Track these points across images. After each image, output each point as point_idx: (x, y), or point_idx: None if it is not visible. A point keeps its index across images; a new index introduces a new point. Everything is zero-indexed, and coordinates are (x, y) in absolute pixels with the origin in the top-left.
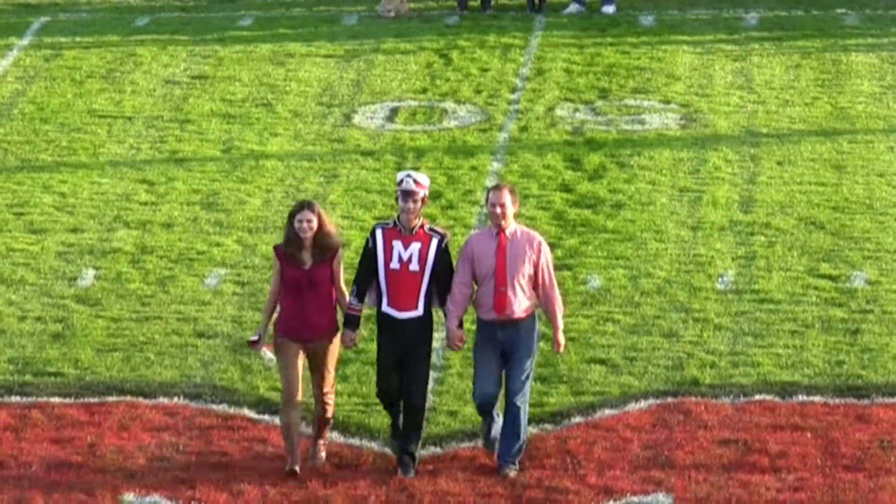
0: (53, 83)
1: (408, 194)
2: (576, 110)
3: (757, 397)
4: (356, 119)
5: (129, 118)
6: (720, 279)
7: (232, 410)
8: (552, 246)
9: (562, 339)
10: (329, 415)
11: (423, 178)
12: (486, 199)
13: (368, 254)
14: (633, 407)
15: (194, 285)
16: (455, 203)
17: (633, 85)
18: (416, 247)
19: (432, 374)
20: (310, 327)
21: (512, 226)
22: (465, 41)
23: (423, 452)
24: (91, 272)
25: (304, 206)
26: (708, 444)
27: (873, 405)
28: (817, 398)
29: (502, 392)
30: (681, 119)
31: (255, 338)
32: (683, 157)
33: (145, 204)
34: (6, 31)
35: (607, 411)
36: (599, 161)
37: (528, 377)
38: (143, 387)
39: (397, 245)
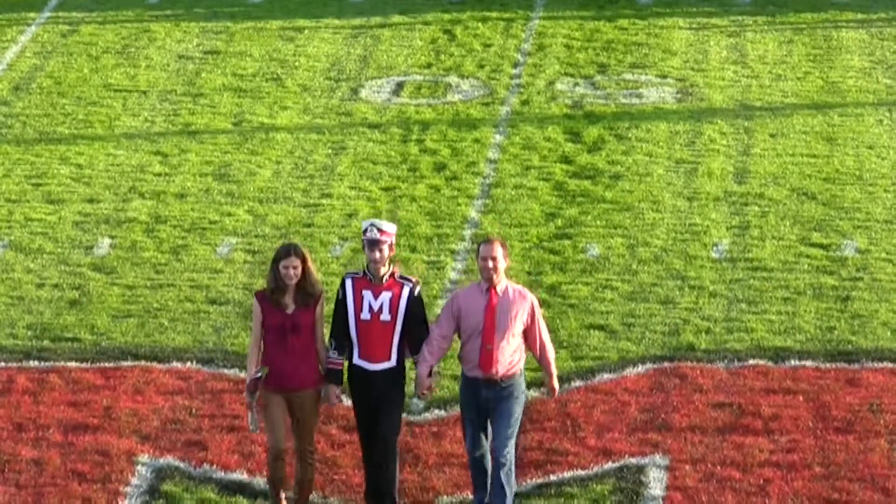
0: (70, 58)
1: (373, 244)
2: (575, 84)
3: (750, 362)
4: (363, 93)
5: (144, 92)
6: (715, 248)
7: (243, 375)
8: (553, 216)
9: (556, 384)
10: (311, 475)
11: (388, 226)
12: (477, 254)
13: (340, 305)
14: (630, 371)
15: (207, 254)
16: (458, 174)
17: (631, 60)
18: (386, 296)
19: None
20: (294, 376)
21: (503, 282)
22: (468, 17)
23: (427, 416)
24: (107, 241)
25: (290, 251)
26: (703, 407)
27: (863, 369)
28: (809, 363)
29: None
30: (677, 93)
31: (257, 375)
32: (679, 130)
33: (159, 175)
34: (24, 7)
35: (606, 376)
36: (598, 133)
37: (513, 433)
38: (157, 352)
39: (367, 295)
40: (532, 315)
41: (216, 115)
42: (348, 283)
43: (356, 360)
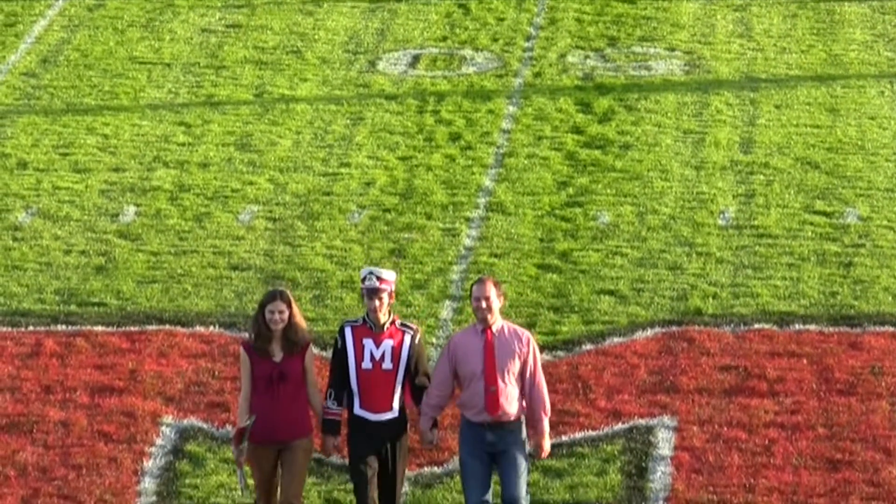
0: (97, 31)
1: (372, 292)
2: (586, 57)
3: (756, 326)
4: (380, 65)
5: (168, 64)
6: (721, 215)
7: None
8: (564, 184)
9: (547, 445)
10: None
11: (387, 273)
12: (470, 294)
13: (339, 354)
14: (640, 335)
15: (229, 221)
16: (473, 144)
17: (640, 33)
18: (388, 344)
19: (453, 305)
20: (283, 426)
21: (498, 322)
22: None
23: None
24: (132, 209)
25: (276, 295)
26: (710, 370)
27: (865, 333)
28: (813, 327)
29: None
30: (685, 65)
31: (244, 424)
32: (687, 101)
33: (183, 145)
34: None
35: (616, 339)
36: (608, 105)
37: (525, 479)
38: (181, 316)
39: (368, 343)
40: (528, 354)
41: (238, 87)
42: (347, 331)
43: (357, 410)
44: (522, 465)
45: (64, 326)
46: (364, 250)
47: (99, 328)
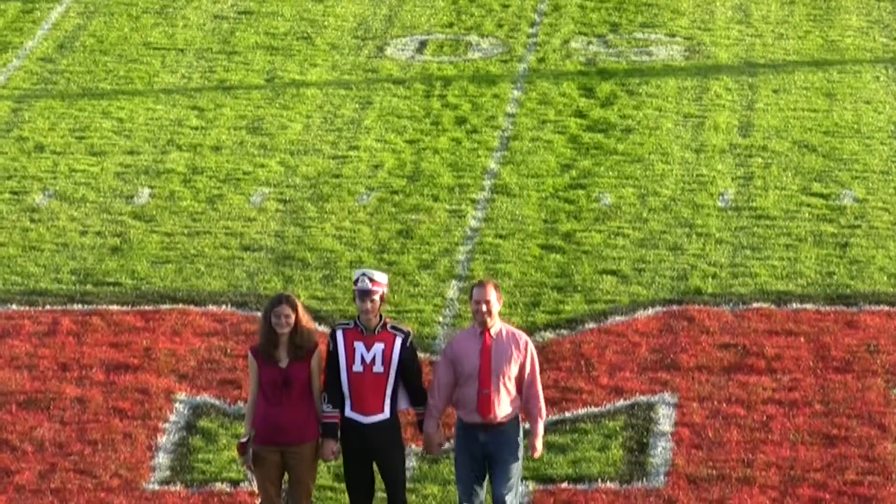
0: (112, 18)
1: (364, 294)
2: (589, 43)
3: (754, 305)
4: (388, 51)
5: (181, 50)
6: (721, 197)
7: None
8: (567, 167)
9: (539, 445)
10: None
11: (379, 276)
12: (470, 297)
13: (331, 357)
14: (641, 314)
15: (241, 203)
16: (479, 128)
17: (642, 20)
18: (379, 347)
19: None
20: (288, 432)
21: (497, 325)
22: None
23: None
24: (146, 191)
25: (282, 299)
26: (710, 348)
27: (861, 312)
28: (810, 306)
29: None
30: (685, 51)
31: (245, 439)
32: (687, 86)
33: (196, 128)
34: None
35: (618, 318)
36: (611, 89)
37: (515, 482)
38: (194, 296)
39: (359, 346)
40: (525, 359)
41: (249, 72)
42: (339, 334)
43: (348, 412)
44: (513, 468)
45: (80, 305)
46: (372, 231)
47: (114, 307)
